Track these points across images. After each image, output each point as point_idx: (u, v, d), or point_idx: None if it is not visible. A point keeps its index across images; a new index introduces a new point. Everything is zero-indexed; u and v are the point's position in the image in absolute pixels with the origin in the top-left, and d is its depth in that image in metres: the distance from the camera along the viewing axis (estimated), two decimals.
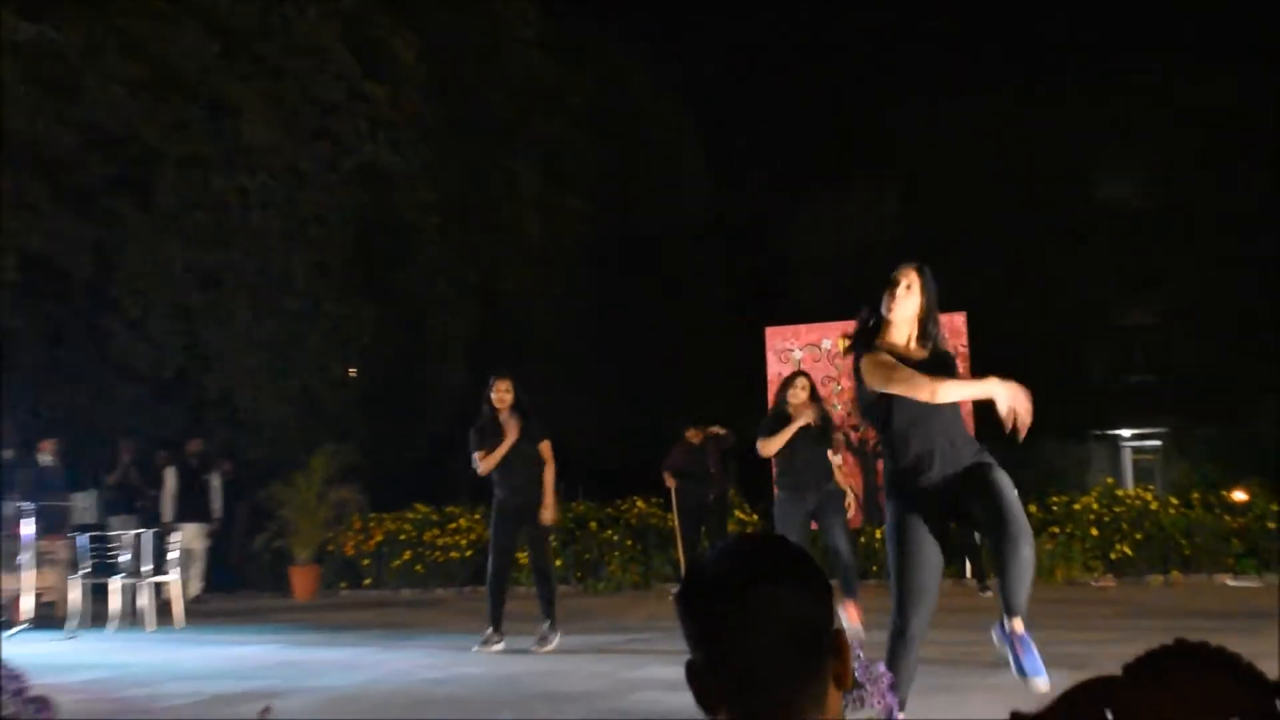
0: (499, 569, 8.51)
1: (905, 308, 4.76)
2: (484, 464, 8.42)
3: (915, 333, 4.82)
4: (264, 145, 17.33)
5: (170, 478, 14.38)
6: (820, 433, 8.32)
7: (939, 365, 4.79)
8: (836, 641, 1.45)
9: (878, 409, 4.84)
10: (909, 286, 4.75)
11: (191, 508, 14.20)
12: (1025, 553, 4.66)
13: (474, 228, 20.31)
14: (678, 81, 25.11)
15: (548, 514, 8.53)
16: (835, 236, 26.28)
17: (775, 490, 8.33)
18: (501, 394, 8.50)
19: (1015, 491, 4.74)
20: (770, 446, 8.23)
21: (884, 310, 4.77)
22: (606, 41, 23.71)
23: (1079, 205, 27.60)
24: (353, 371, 19.25)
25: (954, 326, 11.10)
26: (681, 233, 23.95)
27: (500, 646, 8.23)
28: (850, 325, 5.15)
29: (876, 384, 4.78)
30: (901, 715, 4.65)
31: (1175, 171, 27.07)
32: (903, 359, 4.74)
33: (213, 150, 17.26)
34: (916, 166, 26.03)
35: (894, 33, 28.42)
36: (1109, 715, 0.89)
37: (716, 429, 12.34)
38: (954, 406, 4.81)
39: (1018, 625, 4.82)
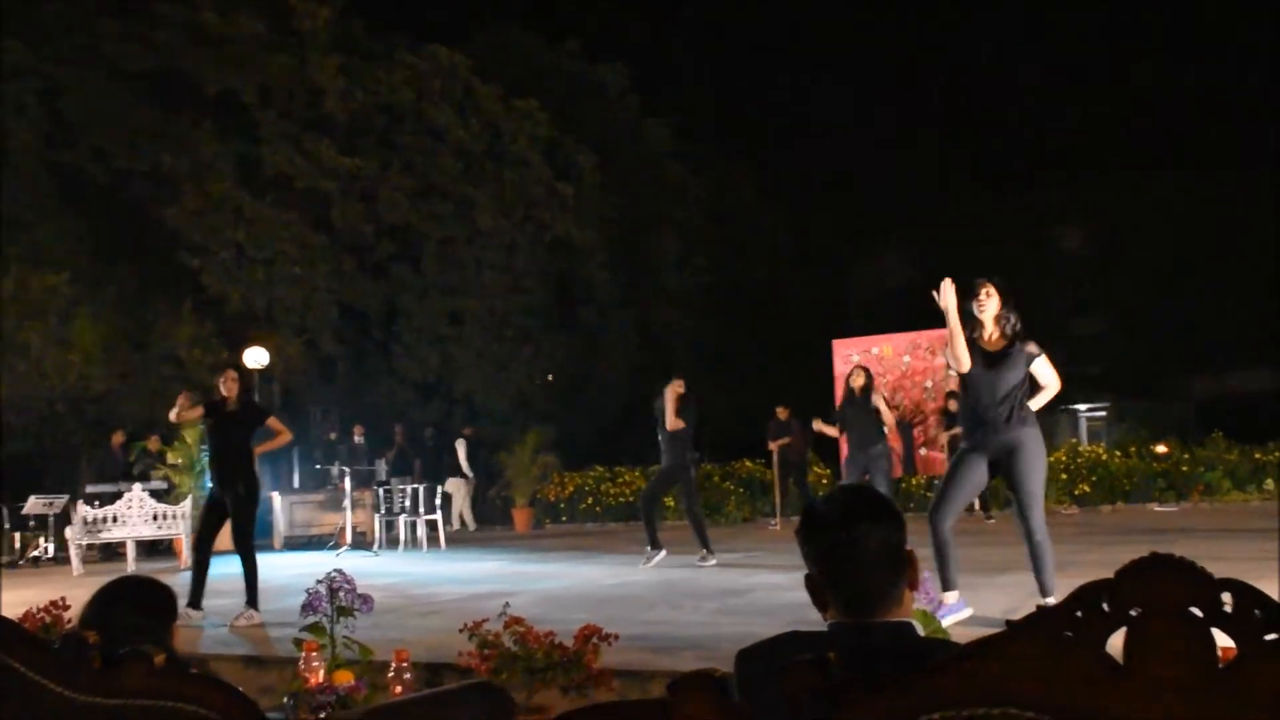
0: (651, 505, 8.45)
1: (988, 308, 4.60)
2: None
3: (997, 328, 4.65)
4: (491, 228, 17.61)
5: (461, 448, 14.40)
6: (864, 411, 8.09)
7: (1008, 352, 4.59)
8: (909, 558, 1.45)
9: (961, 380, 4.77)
10: (988, 294, 4.60)
11: (452, 467, 14.40)
12: (1035, 538, 4.48)
13: (631, 280, 20.41)
14: (767, 178, 24.91)
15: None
16: (874, 283, 25.99)
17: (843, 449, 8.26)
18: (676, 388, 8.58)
19: (1038, 485, 4.52)
20: (831, 431, 8.22)
21: (975, 311, 4.62)
22: (717, 154, 23.69)
23: (1051, 256, 27.13)
24: (550, 378, 19.45)
25: None
26: (772, 279, 23.74)
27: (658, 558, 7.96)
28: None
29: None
30: (956, 593, 4.57)
31: (1115, 233, 26.50)
32: (984, 348, 4.60)
33: (458, 233, 17.63)
34: (927, 239, 25.60)
35: (901, 160, 27.73)
36: (1105, 605, 0.90)
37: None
38: (1014, 380, 4.55)
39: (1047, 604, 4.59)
